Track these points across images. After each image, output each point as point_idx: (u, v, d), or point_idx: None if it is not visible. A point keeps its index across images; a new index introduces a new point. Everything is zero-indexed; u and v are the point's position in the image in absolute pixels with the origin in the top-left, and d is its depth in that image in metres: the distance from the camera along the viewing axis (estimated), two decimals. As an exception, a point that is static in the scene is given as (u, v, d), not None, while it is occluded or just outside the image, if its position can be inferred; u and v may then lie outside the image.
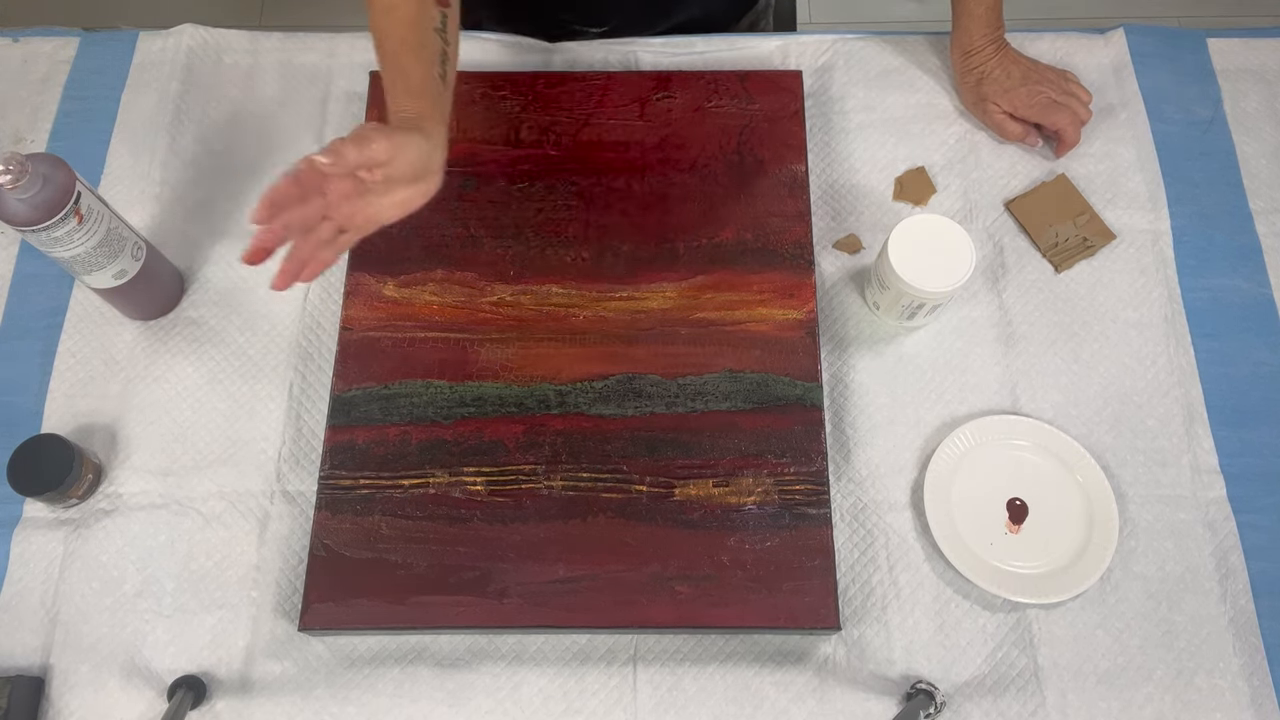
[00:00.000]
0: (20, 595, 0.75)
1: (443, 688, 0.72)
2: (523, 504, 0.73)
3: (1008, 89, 0.88)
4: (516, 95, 0.88)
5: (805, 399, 0.76)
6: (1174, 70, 0.94)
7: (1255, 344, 0.83)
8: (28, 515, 0.78)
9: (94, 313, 0.85)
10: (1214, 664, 0.72)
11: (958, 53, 0.90)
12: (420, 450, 0.75)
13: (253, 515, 0.77)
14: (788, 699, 0.71)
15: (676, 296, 0.80)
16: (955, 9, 0.90)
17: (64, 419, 0.81)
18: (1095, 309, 0.84)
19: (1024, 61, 0.90)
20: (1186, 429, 0.80)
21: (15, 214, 0.68)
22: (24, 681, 0.71)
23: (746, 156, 0.85)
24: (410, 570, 0.71)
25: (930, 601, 0.74)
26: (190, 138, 0.92)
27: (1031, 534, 0.75)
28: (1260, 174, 0.90)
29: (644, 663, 0.73)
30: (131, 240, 0.77)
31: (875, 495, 0.78)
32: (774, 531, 0.72)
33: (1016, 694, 0.72)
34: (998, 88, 0.88)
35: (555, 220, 0.83)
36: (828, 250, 0.87)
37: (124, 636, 0.74)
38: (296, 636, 0.74)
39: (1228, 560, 0.76)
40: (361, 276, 0.81)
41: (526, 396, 0.77)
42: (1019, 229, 0.87)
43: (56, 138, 0.92)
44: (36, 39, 0.97)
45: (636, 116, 0.87)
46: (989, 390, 0.81)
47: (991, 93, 0.89)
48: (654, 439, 0.75)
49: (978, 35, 0.88)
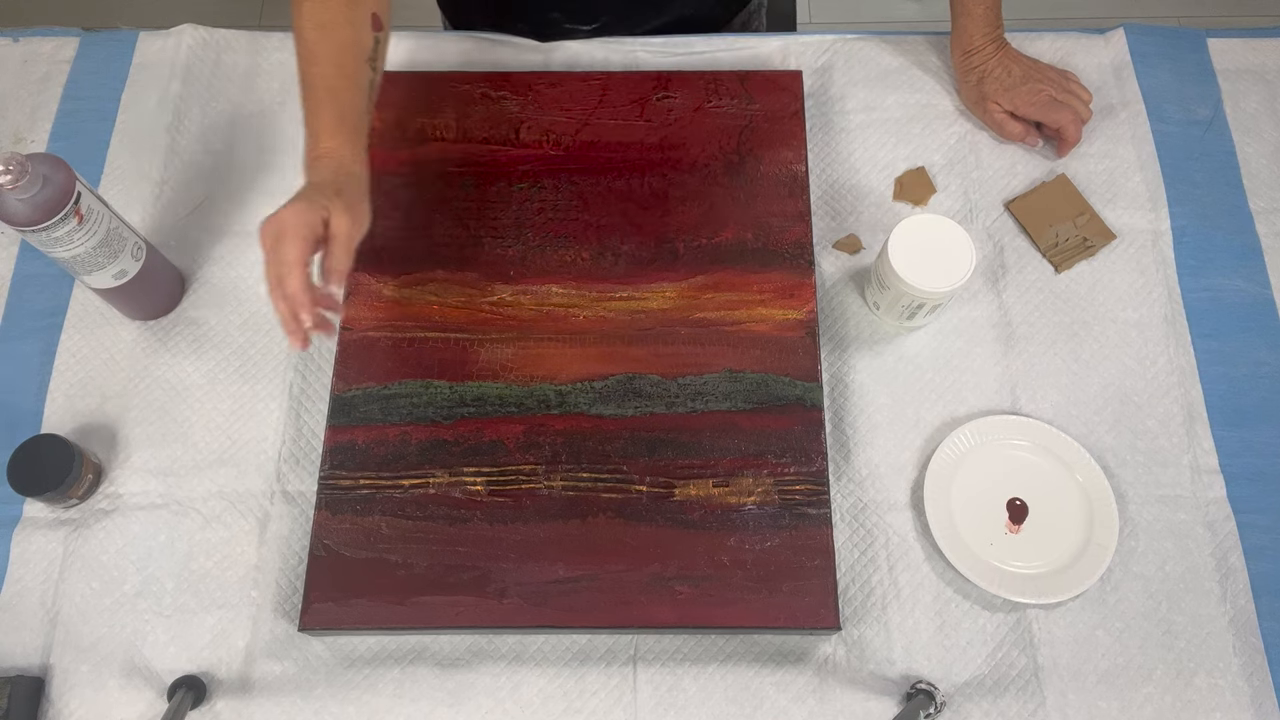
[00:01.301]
0: (20, 595, 0.75)
1: (443, 688, 0.72)
2: (523, 504, 0.73)
3: (1009, 88, 0.88)
4: (516, 95, 0.88)
5: (805, 399, 0.76)
6: (1174, 70, 0.94)
7: (1255, 344, 0.83)
8: (28, 515, 0.78)
9: (94, 313, 0.85)
10: (1214, 664, 0.72)
11: (958, 52, 0.90)
12: (420, 450, 0.75)
13: (253, 515, 0.77)
14: (788, 699, 0.72)
15: (676, 296, 0.80)
16: (954, 9, 0.90)
17: (64, 419, 0.81)
18: (1095, 309, 0.84)
19: (1024, 60, 0.90)
20: (1186, 429, 0.80)
21: (15, 214, 0.68)
22: (24, 681, 0.71)
23: (746, 156, 0.85)
24: (410, 570, 0.71)
25: (930, 601, 0.74)
26: (190, 138, 0.92)
27: (1031, 534, 0.75)
28: (1260, 174, 0.90)
29: (644, 663, 0.73)
30: (131, 240, 0.77)
31: (875, 495, 0.78)
32: (774, 531, 0.72)
33: (1016, 694, 0.72)
34: (998, 86, 0.89)
35: (555, 220, 0.83)
36: (828, 250, 0.87)
37: (124, 636, 0.74)
38: (296, 636, 0.74)
39: (1228, 560, 0.76)
40: (361, 276, 0.81)
41: (526, 396, 0.77)
42: (1019, 229, 0.87)
43: (56, 138, 0.92)
44: (36, 39, 0.97)
45: (636, 116, 0.87)
46: (989, 390, 0.81)
47: (992, 91, 0.89)
48: (654, 439, 0.75)
49: (977, 35, 0.88)
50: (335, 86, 0.74)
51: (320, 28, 0.74)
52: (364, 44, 0.76)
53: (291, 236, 0.67)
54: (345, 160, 0.73)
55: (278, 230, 0.67)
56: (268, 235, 0.68)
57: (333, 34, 0.74)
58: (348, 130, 0.74)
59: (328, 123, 0.73)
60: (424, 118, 0.87)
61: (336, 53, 0.74)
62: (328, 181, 0.72)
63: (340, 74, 0.74)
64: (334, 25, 0.74)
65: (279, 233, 0.67)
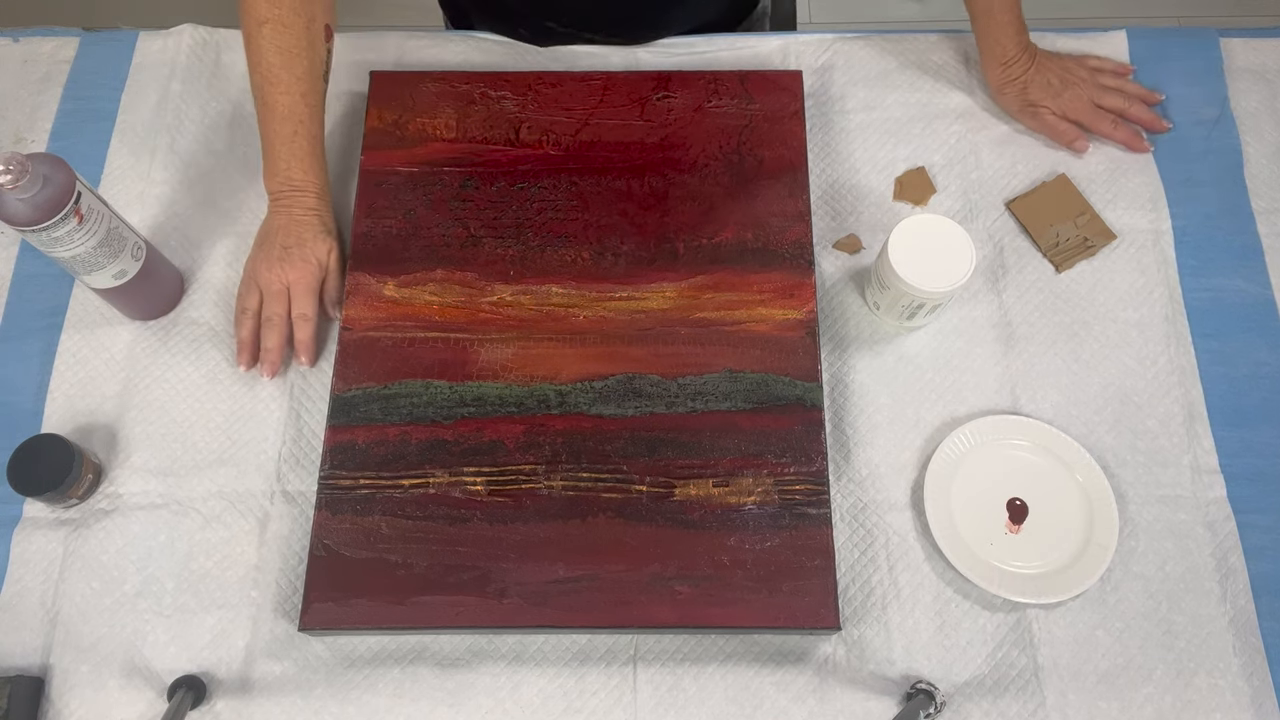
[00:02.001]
0: (20, 595, 0.75)
1: (443, 688, 0.72)
2: (523, 504, 0.73)
3: (1055, 93, 0.89)
4: (516, 95, 0.88)
5: (805, 399, 0.76)
6: (1175, 70, 0.94)
7: (1256, 344, 0.83)
8: (28, 515, 0.78)
9: (94, 313, 0.85)
10: (1214, 664, 0.72)
11: (994, 65, 0.89)
12: (420, 450, 0.75)
13: (253, 515, 0.77)
14: (788, 699, 0.72)
15: (676, 296, 0.80)
16: (982, 23, 0.88)
17: (64, 419, 0.81)
18: (1096, 309, 0.84)
19: (1056, 64, 0.90)
20: (1187, 429, 0.80)
21: (15, 214, 0.68)
22: (24, 681, 0.71)
23: (746, 156, 0.85)
24: (410, 570, 0.71)
25: (930, 601, 0.74)
26: (190, 138, 0.92)
27: (1031, 534, 0.75)
28: (1261, 174, 0.90)
29: (644, 663, 0.73)
30: (131, 240, 0.78)
31: (875, 495, 0.78)
32: (774, 531, 0.72)
33: (1016, 694, 0.72)
34: (1045, 94, 0.89)
35: (555, 220, 0.83)
36: (828, 250, 0.87)
37: (124, 636, 0.74)
38: (296, 636, 0.74)
39: (1228, 560, 0.75)
40: (361, 276, 0.81)
41: (526, 396, 0.77)
42: (1019, 229, 0.87)
43: (56, 138, 0.92)
44: (36, 39, 0.97)
45: (636, 116, 0.87)
46: (989, 390, 0.81)
47: (1040, 98, 0.89)
48: (654, 439, 0.75)
49: (1011, 45, 0.88)
50: (303, 117, 0.78)
51: (282, 53, 0.76)
52: (320, 62, 0.80)
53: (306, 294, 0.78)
54: (322, 189, 0.80)
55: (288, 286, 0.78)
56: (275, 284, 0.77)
57: (296, 61, 0.77)
58: (318, 161, 0.80)
59: (300, 155, 0.78)
60: (424, 118, 0.87)
61: (300, 81, 0.78)
62: (313, 213, 0.79)
63: (305, 103, 0.78)
64: (296, 52, 0.76)
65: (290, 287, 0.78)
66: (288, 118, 0.77)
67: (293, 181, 0.79)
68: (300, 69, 0.76)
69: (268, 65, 0.76)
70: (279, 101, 0.76)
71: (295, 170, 0.79)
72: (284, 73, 0.76)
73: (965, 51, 0.95)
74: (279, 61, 0.75)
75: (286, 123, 0.77)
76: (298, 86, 0.76)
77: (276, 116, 0.77)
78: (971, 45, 0.94)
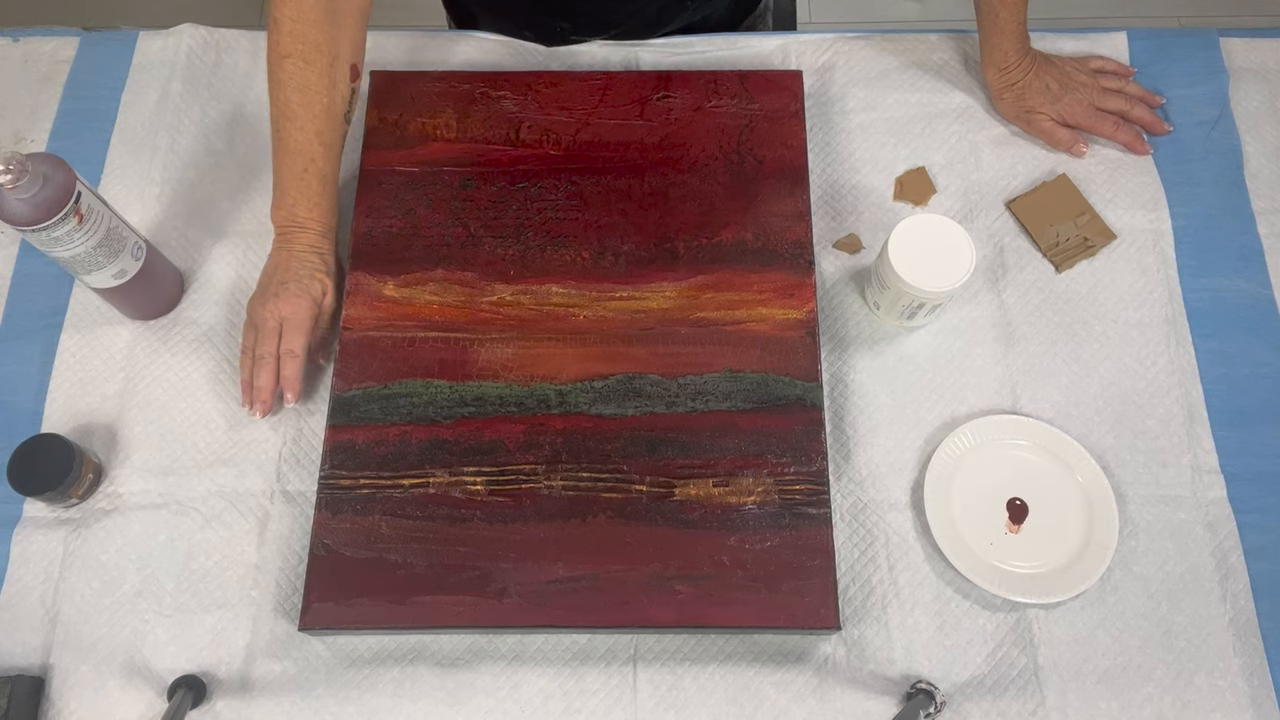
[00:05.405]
0: (20, 595, 0.75)
1: (443, 688, 0.72)
2: (523, 504, 0.73)
3: (1054, 99, 0.89)
4: (516, 95, 0.88)
5: (805, 399, 0.76)
6: (1176, 71, 0.94)
7: (1256, 344, 0.83)
8: (28, 515, 0.78)
9: (94, 313, 0.85)
10: (1214, 664, 0.72)
11: (992, 69, 0.89)
12: (420, 450, 0.75)
13: (253, 515, 0.77)
14: (788, 699, 0.72)
15: (676, 296, 0.80)
16: (987, 27, 0.88)
17: (64, 419, 0.81)
18: (1096, 309, 0.84)
19: (1055, 68, 0.90)
20: (1187, 429, 0.80)
21: (15, 214, 0.68)
22: (24, 681, 0.71)
23: (746, 156, 0.85)
24: (410, 570, 0.71)
25: (930, 601, 0.74)
26: (190, 138, 0.92)
27: (1031, 534, 0.75)
28: (1261, 174, 0.90)
29: (644, 663, 0.73)
30: (131, 240, 0.78)
31: (875, 495, 0.78)
32: (774, 531, 0.72)
33: (1016, 694, 0.72)
34: (1043, 99, 0.88)
35: (555, 220, 0.83)
36: (828, 250, 0.87)
37: (124, 636, 0.74)
38: (296, 636, 0.74)
39: (1228, 560, 0.75)
40: (361, 276, 0.81)
41: (527, 396, 0.77)
42: (1019, 229, 0.87)
43: (56, 138, 0.92)
44: (36, 39, 0.97)
45: (636, 116, 0.87)
46: (989, 390, 0.81)
47: (1037, 104, 0.89)
48: (654, 439, 0.75)
49: (1012, 51, 0.88)
50: (314, 155, 0.78)
51: (302, 90, 0.75)
52: (341, 101, 0.79)
53: (297, 330, 0.77)
54: (327, 228, 0.80)
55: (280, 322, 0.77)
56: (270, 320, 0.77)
57: (314, 99, 0.76)
58: (326, 200, 0.80)
59: (308, 192, 0.78)
60: (424, 118, 0.87)
61: (316, 119, 0.77)
62: (313, 251, 0.79)
63: (319, 141, 0.78)
64: (316, 90, 0.76)
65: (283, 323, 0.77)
66: (299, 154, 0.77)
67: (297, 218, 0.78)
68: (318, 107, 0.76)
69: (285, 100, 0.75)
70: (293, 138, 0.76)
71: (300, 207, 0.78)
72: (301, 110, 0.75)
73: (965, 51, 0.95)
74: (297, 99, 0.75)
75: (298, 159, 0.77)
76: (313, 124, 0.76)
77: (289, 152, 0.77)
78: (972, 45, 0.94)
